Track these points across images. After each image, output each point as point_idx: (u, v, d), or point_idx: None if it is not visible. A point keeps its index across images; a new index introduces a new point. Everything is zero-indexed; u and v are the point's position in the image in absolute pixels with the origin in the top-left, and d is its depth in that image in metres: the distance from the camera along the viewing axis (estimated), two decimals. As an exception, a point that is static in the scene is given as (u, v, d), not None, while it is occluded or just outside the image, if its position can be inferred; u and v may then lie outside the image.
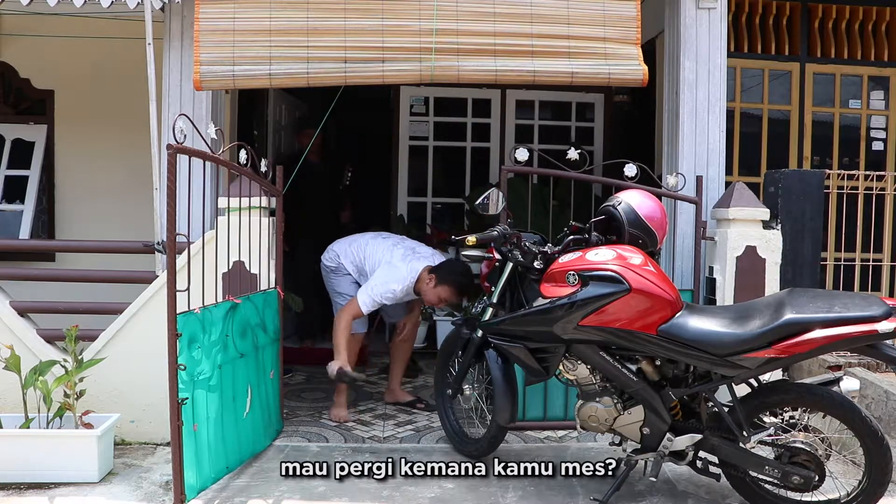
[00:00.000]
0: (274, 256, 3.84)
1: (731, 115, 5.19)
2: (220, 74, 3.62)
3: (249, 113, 5.93)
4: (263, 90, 5.77)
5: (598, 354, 2.95)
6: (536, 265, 3.16)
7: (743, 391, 2.90)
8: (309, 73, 3.63)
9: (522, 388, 3.57)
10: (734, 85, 5.34)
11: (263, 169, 3.61)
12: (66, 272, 4.69)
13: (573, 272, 2.93)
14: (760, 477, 2.88)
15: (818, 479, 2.77)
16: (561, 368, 3.12)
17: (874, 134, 5.61)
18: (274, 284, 3.81)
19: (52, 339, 3.78)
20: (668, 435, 2.93)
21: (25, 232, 5.39)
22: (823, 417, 2.84)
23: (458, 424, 3.72)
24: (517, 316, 3.12)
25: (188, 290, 2.92)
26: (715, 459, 2.98)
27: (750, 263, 3.91)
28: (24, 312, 3.84)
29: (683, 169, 4.07)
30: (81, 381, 3.41)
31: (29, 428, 3.33)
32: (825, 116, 5.55)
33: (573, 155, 3.66)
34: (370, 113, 7.78)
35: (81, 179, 5.57)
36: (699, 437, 2.91)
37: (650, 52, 5.18)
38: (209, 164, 3.56)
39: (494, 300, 3.32)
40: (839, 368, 2.97)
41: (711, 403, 2.91)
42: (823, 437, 2.83)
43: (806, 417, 2.84)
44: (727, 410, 2.87)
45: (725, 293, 3.93)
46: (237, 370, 3.33)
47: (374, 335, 5.06)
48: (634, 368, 2.95)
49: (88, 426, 3.34)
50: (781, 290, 3.42)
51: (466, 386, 3.58)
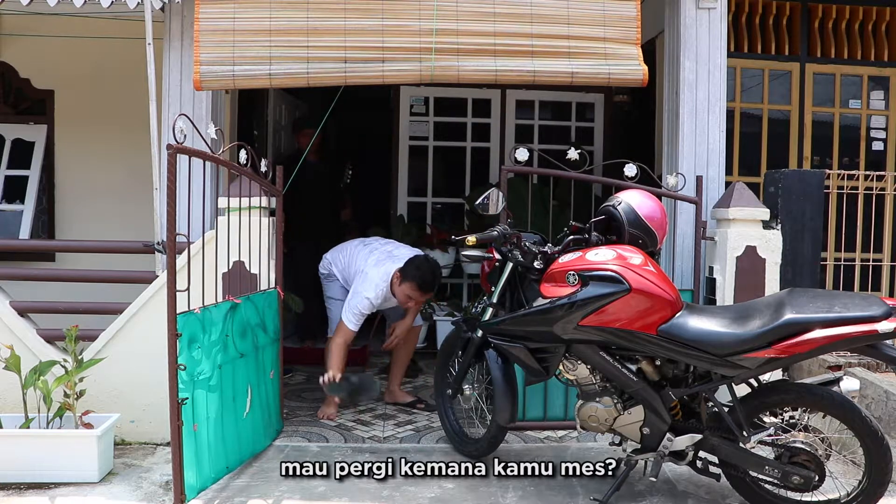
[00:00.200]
0: (274, 256, 3.84)
1: (731, 115, 5.19)
2: (220, 74, 3.62)
3: (249, 113, 5.93)
4: (263, 90, 5.77)
5: (598, 354, 2.95)
6: (536, 265, 3.16)
7: (743, 391, 2.90)
8: (309, 73, 3.63)
9: (522, 388, 3.56)
10: (734, 85, 5.34)
11: (263, 169, 3.61)
12: (66, 272, 4.69)
13: (573, 272, 2.93)
14: (760, 477, 2.88)
15: (818, 479, 2.77)
16: (561, 368, 3.12)
17: (874, 134, 5.61)
18: (274, 284, 3.81)
19: (52, 339, 3.78)
20: (668, 435, 2.93)
21: (25, 232, 5.39)
22: (823, 417, 2.84)
23: (458, 424, 3.72)
24: (517, 316, 3.12)
25: (188, 290, 2.92)
26: (715, 459, 2.99)
27: (750, 263, 3.91)
28: (24, 312, 3.84)
29: (683, 169, 4.07)
30: (81, 381, 3.41)
31: (29, 428, 3.33)
32: (825, 116, 5.55)
33: (573, 155, 3.66)
34: (370, 113, 7.77)
35: (81, 179, 5.57)
36: (699, 437, 2.91)
37: (650, 52, 5.18)
38: (209, 164, 3.56)
39: (494, 300, 3.32)
40: (839, 368, 2.97)
41: (711, 403, 2.91)
42: (823, 437, 2.83)
43: (806, 417, 2.84)
44: (727, 410, 2.87)
45: (725, 293, 3.93)
46: (237, 370, 3.33)
47: (374, 335, 5.06)
48: (634, 368, 2.95)
49: (88, 426, 3.34)
50: (781, 290, 3.42)
51: (466, 386, 3.58)
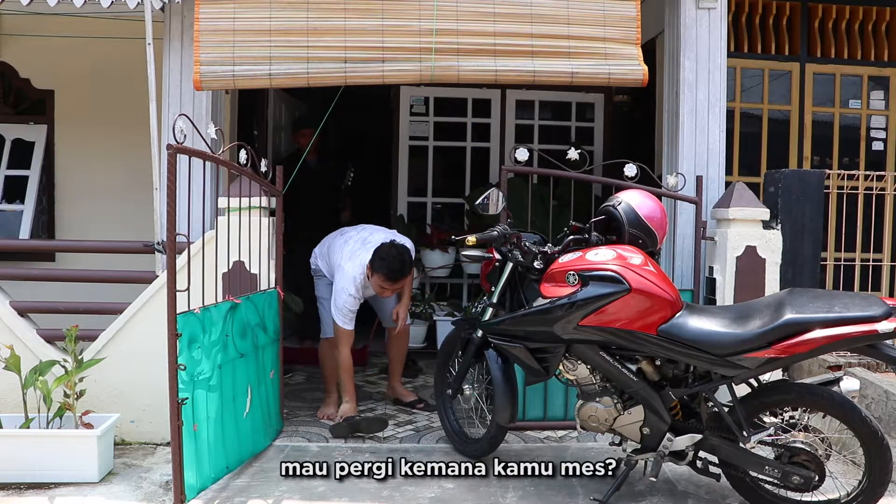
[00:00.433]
0: (274, 256, 3.84)
1: (731, 115, 5.19)
2: (220, 74, 3.62)
3: (249, 113, 5.93)
4: (263, 90, 5.77)
5: (598, 354, 2.95)
6: (536, 265, 3.16)
7: (743, 391, 2.89)
8: (309, 73, 3.63)
9: (522, 388, 3.57)
10: (734, 85, 5.34)
11: (263, 169, 3.61)
12: (65, 272, 4.69)
13: (573, 272, 2.93)
14: (760, 477, 2.88)
15: (818, 479, 2.77)
16: (561, 368, 3.12)
17: (874, 134, 5.61)
18: (274, 284, 3.81)
19: (52, 339, 3.77)
20: (668, 435, 2.93)
21: (25, 232, 5.39)
22: (823, 417, 2.84)
23: (458, 424, 3.72)
24: (517, 316, 3.12)
25: (188, 290, 2.92)
26: (715, 459, 2.98)
27: (750, 263, 3.91)
28: (24, 312, 3.84)
29: (683, 169, 4.07)
30: (81, 381, 3.41)
31: (29, 428, 3.33)
32: (825, 116, 5.55)
33: (573, 155, 3.66)
34: (370, 113, 7.77)
35: (81, 179, 5.57)
36: (699, 437, 2.91)
37: (650, 52, 5.18)
38: (209, 164, 3.56)
39: (494, 300, 3.32)
40: (839, 368, 2.97)
41: (711, 403, 2.91)
42: (823, 437, 2.83)
43: (806, 417, 2.84)
44: (727, 410, 2.87)
45: (725, 293, 3.93)
46: (237, 370, 3.33)
47: (374, 336, 5.05)
48: (634, 368, 2.95)
49: (88, 426, 3.33)
50: (781, 290, 3.42)
51: (466, 386, 3.58)
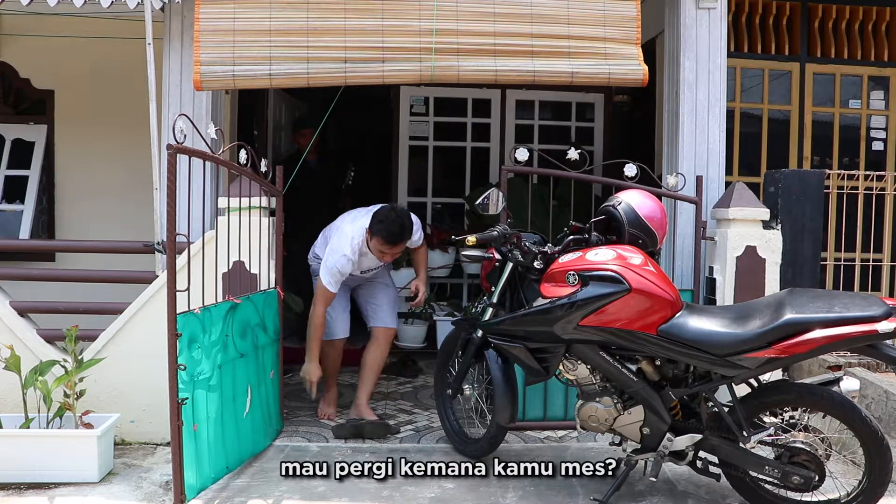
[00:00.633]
0: (274, 256, 3.84)
1: (731, 115, 5.19)
2: (220, 74, 3.62)
3: (249, 113, 5.93)
4: (263, 90, 5.77)
5: (598, 354, 2.95)
6: (536, 265, 3.16)
7: (743, 391, 2.89)
8: (309, 73, 3.63)
9: (522, 388, 3.57)
10: (734, 85, 5.34)
11: (263, 169, 3.61)
12: (65, 272, 4.69)
13: (573, 272, 2.93)
14: (760, 477, 2.88)
15: (818, 479, 2.77)
16: (561, 368, 3.12)
17: (874, 134, 5.61)
18: (274, 284, 3.81)
19: (52, 339, 3.77)
20: (668, 435, 2.93)
21: (25, 232, 5.38)
22: (823, 417, 2.84)
23: (458, 424, 3.72)
24: (517, 316, 3.12)
25: (188, 290, 2.92)
26: (715, 459, 2.98)
27: (750, 263, 3.91)
28: (24, 312, 3.84)
29: (683, 169, 4.07)
30: (81, 381, 3.41)
31: (29, 428, 3.33)
32: (825, 116, 5.55)
33: (573, 155, 3.66)
34: (370, 113, 7.77)
35: (81, 179, 5.56)
36: (699, 437, 2.91)
37: (650, 52, 5.18)
38: (209, 164, 3.56)
39: (494, 300, 3.32)
40: (839, 368, 2.97)
41: (711, 403, 2.91)
42: (823, 437, 2.83)
43: (806, 417, 2.84)
44: (727, 410, 2.87)
45: (725, 293, 3.93)
46: (237, 370, 3.33)
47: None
48: (634, 368, 2.95)
49: (88, 426, 3.33)
50: (781, 290, 3.42)
51: (466, 386, 3.58)
